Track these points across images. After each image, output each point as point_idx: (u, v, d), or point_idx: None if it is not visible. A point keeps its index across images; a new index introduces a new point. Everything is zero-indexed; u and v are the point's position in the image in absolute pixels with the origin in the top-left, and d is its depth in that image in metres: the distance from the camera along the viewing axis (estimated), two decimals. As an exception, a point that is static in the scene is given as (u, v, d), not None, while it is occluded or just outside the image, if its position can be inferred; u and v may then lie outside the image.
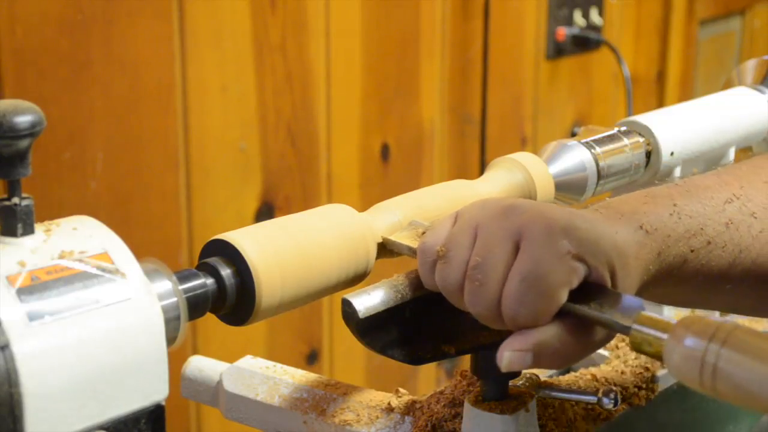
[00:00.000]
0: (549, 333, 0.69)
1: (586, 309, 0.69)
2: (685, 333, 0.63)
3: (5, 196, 0.62)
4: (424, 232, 0.79)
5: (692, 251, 0.76)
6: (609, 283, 0.71)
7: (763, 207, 0.80)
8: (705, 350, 0.61)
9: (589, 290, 0.70)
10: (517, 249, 0.69)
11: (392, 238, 0.81)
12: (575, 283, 0.69)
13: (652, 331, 0.66)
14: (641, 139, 1.01)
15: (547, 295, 0.68)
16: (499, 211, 0.71)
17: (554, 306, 0.69)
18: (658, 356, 0.65)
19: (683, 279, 0.77)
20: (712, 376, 0.61)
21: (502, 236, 0.70)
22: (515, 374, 0.80)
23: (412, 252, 0.79)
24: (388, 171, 1.86)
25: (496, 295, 0.69)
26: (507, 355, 0.69)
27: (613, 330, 0.69)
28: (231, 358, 0.96)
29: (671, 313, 1.01)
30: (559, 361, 0.72)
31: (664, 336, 0.64)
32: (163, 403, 0.64)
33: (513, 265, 0.69)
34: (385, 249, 0.82)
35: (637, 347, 0.67)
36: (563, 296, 0.69)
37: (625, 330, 0.67)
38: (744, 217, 0.79)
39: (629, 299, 0.69)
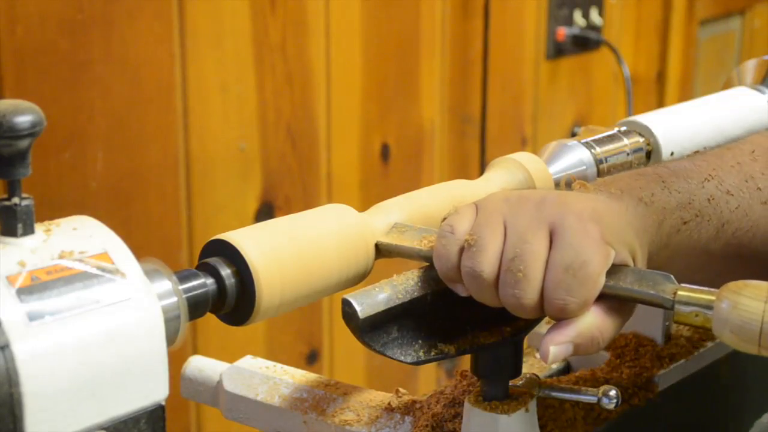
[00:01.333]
0: (587, 321, 0.71)
1: (627, 289, 0.71)
2: (737, 298, 0.65)
3: (5, 196, 0.62)
4: (426, 236, 0.79)
5: (684, 223, 0.79)
6: (632, 263, 0.73)
7: (736, 186, 0.84)
8: (764, 311, 0.63)
9: (616, 271, 0.72)
10: (550, 240, 0.71)
11: (391, 242, 0.81)
12: (609, 266, 0.71)
13: (695, 302, 0.68)
14: (641, 139, 1.01)
15: (592, 282, 0.70)
16: (527, 204, 0.73)
17: (597, 291, 0.71)
18: (706, 326, 0.67)
19: (676, 251, 0.80)
20: None
21: (536, 227, 0.71)
22: (515, 374, 0.80)
23: (417, 253, 0.79)
24: (388, 171, 1.86)
25: (539, 285, 0.70)
26: (553, 350, 0.71)
27: (656, 305, 0.70)
28: (231, 358, 0.95)
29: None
30: (597, 347, 0.73)
31: (711, 305, 0.66)
32: (163, 403, 0.64)
33: (551, 255, 0.70)
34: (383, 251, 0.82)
35: (682, 320, 0.68)
36: (603, 281, 0.71)
37: (670, 303, 0.69)
38: (721, 194, 0.83)
39: (658, 274, 0.71)
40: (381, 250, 0.82)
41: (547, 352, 0.71)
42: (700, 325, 0.67)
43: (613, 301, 0.72)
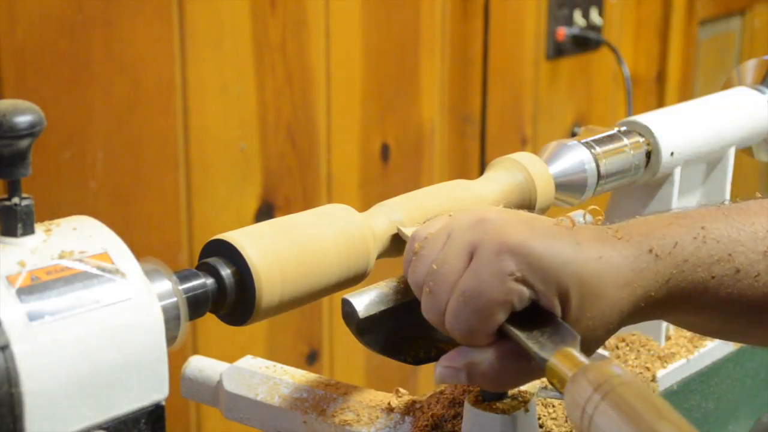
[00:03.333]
0: (482, 355, 0.70)
1: (517, 333, 0.68)
2: (580, 378, 0.63)
3: (5, 196, 0.62)
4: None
5: (713, 278, 0.72)
6: (558, 310, 0.69)
7: None
8: (588, 399, 0.61)
9: (536, 316, 0.69)
10: (470, 262, 0.69)
11: (404, 229, 0.81)
12: (517, 305, 0.68)
13: (564, 369, 0.66)
14: (641, 139, 1.01)
15: (482, 313, 0.68)
16: (468, 223, 0.71)
17: (488, 326, 0.69)
18: (562, 393, 0.65)
19: (704, 307, 0.73)
20: (588, 425, 0.61)
21: (460, 249, 0.70)
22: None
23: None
24: (388, 171, 1.86)
25: (442, 305, 0.70)
26: (439, 370, 0.71)
27: (533, 359, 0.68)
28: (231, 358, 0.96)
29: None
30: (492, 383, 0.72)
31: (568, 376, 0.65)
32: (163, 403, 0.64)
33: (460, 279, 0.69)
34: (388, 248, 0.82)
35: (549, 379, 0.67)
36: (499, 317, 0.69)
37: (542, 362, 0.67)
38: None
39: (564, 331, 0.68)
40: (386, 249, 0.82)
41: (436, 370, 0.71)
42: (559, 391, 0.66)
43: (519, 347, 0.69)
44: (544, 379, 0.84)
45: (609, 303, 0.70)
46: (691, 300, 0.73)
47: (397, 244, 0.83)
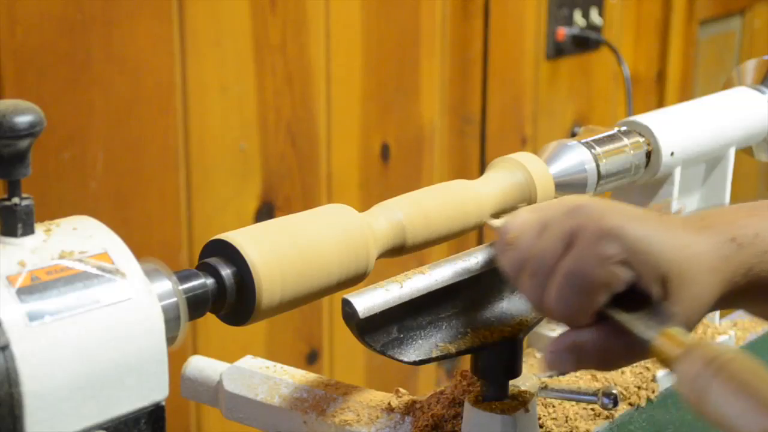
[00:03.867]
0: (585, 336, 0.71)
1: (619, 314, 0.70)
2: (689, 355, 0.65)
3: (5, 196, 0.62)
4: None
5: None
6: (657, 292, 0.71)
7: None
8: (699, 375, 0.63)
9: (636, 298, 0.71)
10: (569, 248, 0.71)
11: (493, 222, 0.83)
12: (617, 287, 0.70)
13: (670, 348, 0.67)
14: (641, 139, 1.01)
15: (584, 295, 0.70)
16: (564, 210, 0.74)
17: (590, 306, 0.70)
18: (669, 369, 0.67)
19: None
20: (701, 400, 0.63)
21: (559, 234, 0.72)
22: (515, 374, 0.80)
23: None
24: (388, 171, 1.86)
25: (543, 288, 0.72)
26: (547, 356, 0.72)
27: (636, 338, 0.69)
28: (231, 358, 0.96)
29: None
30: (598, 363, 0.73)
31: (676, 354, 0.66)
32: (163, 403, 0.64)
33: (560, 261, 0.71)
34: (389, 248, 0.82)
35: (656, 358, 0.69)
36: (601, 298, 0.70)
37: (646, 341, 0.68)
38: None
39: (665, 312, 0.70)
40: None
41: (544, 357, 0.72)
42: (666, 368, 0.68)
43: (622, 327, 0.71)
44: (544, 379, 0.84)
45: (700, 288, 0.72)
46: None
47: (397, 244, 0.83)
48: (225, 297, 0.72)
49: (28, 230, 0.62)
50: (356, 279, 0.80)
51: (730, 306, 0.76)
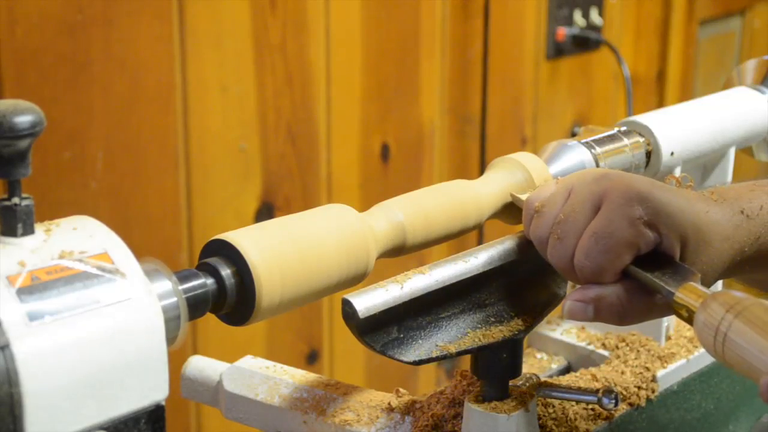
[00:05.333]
0: (609, 289, 0.76)
1: (642, 272, 0.74)
2: (710, 302, 0.69)
3: (5, 196, 0.62)
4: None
5: None
6: (677, 254, 0.76)
7: None
8: (721, 319, 0.67)
9: (658, 259, 0.75)
10: (597, 211, 0.76)
11: (519, 195, 0.87)
12: (642, 248, 0.75)
13: (690, 300, 0.71)
14: (641, 139, 1.01)
15: (612, 253, 0.74)
16: (591, 178, 0.78)
17: (617, 264, 0.75)
18: (690, 322, 0.71)
19: None
20: (722, 344, 0.67)
21: (586, 198, 0.77)
22: (515, 374, 0.80)
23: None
24: (388, 171, 1.86)
25: (571, 249, 0.76)
26: (567, 304, 0.76)
27: (659, 293, 0.74)
28: (231, 358, 0.96)
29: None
30: (618, 317, 0.77)
31: (697, 304, 0.70)
32: (163, 403, 0.64)
33: (589, 223, 0.76)
34: (389, 248, 0.82)
35: (677, 313, 0.72)
36: (627, 257, 0.75)
37: (670, 295, 0.72)
38: None
39: (686, 270, 0.74)
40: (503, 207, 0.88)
41: (564, 306, 0.76)
42: (687, 321, 0.72)
43: (643, 285, 0.75)
44: (544, 379, 0.84)
45: (716, 253, 0.78)
46: None
47: (397, 244, 0.83)
48: (225, 297, 0.72)
49: (28, 230, 0.62)
50: (356, 279, 0.80)
51: (741, 273, 0.82)
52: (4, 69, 1.32)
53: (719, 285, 1.10)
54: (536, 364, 1.03)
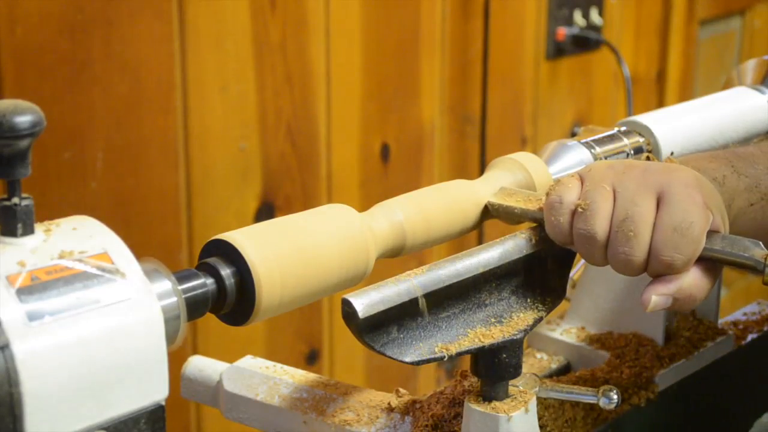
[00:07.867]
0: (688, 279, 0.78)
1: (722, 251, 0.78)
2: None
3: (5, 196, 0.62)
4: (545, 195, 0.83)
5: (751, 205, 0.87)
6: (723, 229, 0.80)
7: None
8: None
9: (710, 236, 0.78)
10: (657, 203, 0.77)
11: (501, 202, 0.86)
12: (709, 228, 0.78)
13: None
14: (641, 139, 1.01)
15: (697, 241, 0.77)
16: (634, 171, 0.79)
17: (700, 251, 0.78)
18: None
19: (743, 230, 0.86)
20: None
21: (644, 191, 0.78)
22: (515, 374, 0.80)
23: (526, 213, 0.84)
24: (388, 171, 1.86)
25: (647, 244, 0.77)
26: (654, 299, 0.78)
27: (747, 268, 0.77)
28: (231, 358, 0.96)
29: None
30: (693, 304, 0.79)
31: None
32: (163, 403, 0.64)
33: (658, 216, 0.77)
34: (389, 248, 0.82)
35: (763, 278, 0.76)
36: (704, 242, 0.78)
37: (761, 266, 0.76)
38: None
39: (747, 240, 0.78)
40: (490, 211, 0.87)
41: (649, 299, 0.77)
42: None
43: (708, 262, 0.78)
44: (544, 379, 0.84)
45: (725, 221, 0.81)
46: (736, 225, 0.86)
47: (397, 244, 0.83)
48: (225, 297, 0.72)
49: (28, 230, 0.62)
50: (356, 279, 0.80)
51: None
52: (4, 69, 1.32)
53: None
54: (536, 364, 1.03)
